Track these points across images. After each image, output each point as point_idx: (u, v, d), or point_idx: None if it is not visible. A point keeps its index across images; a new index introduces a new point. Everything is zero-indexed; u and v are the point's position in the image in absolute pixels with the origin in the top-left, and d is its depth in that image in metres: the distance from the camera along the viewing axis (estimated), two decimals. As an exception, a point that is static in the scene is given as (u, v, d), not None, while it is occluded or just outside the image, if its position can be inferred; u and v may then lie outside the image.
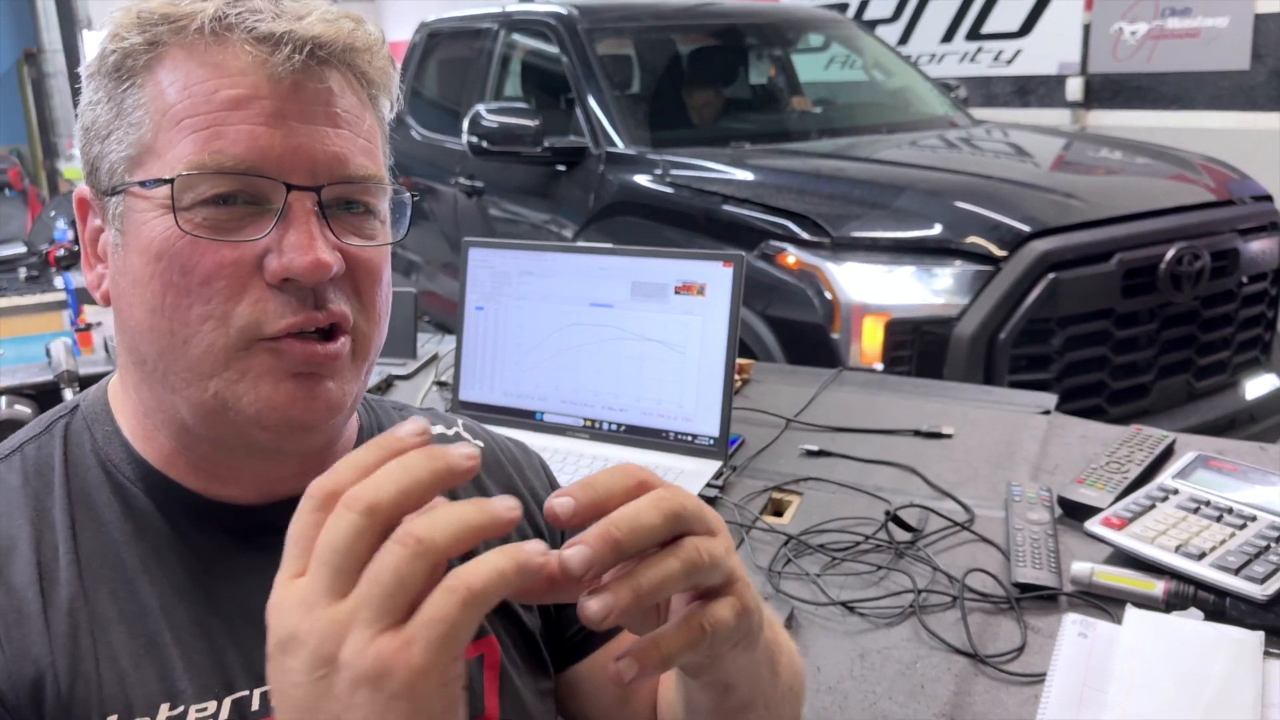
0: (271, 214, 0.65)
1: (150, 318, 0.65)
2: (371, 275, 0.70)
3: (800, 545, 1.35)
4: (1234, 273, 2.82)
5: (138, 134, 0.66)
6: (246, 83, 0.64)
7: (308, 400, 0.66)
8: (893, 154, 3.38)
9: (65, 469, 0.71)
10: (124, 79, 0.66)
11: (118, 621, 0.66)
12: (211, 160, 0.63)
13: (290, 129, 0.65)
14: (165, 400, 0.68)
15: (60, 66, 9.18)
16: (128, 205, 0.66)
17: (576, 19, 3.81)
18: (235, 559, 0.70)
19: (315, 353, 0.66)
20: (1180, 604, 1.13)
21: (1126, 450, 1.48)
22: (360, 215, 0.69)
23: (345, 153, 0.67)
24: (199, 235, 0.64)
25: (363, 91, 0.70)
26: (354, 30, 0.68)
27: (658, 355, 1.62)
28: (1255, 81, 4.28)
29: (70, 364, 1.93)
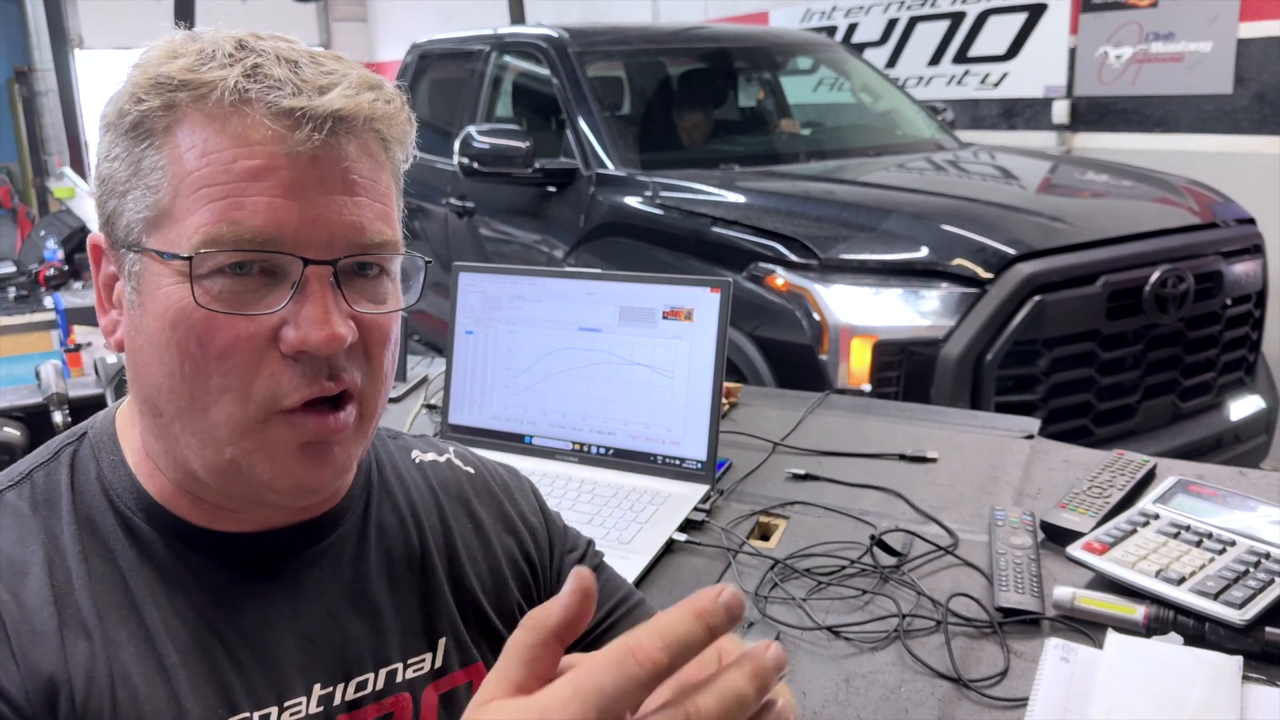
0: (286, 284, 0.66)
1: (169, 380, 0.67)
2: (382, 340, 0.71)
3: (786, 569, 1.36)
4: (1218, 295, 2.85)
5: (155, 197, 0.66)
6: (264, 153, 0.65)
7: (318, 469, 0.69)
8: (880, 176, 3.41)
9: (73, 496, 0.72)
10: (141, 139, 0.67)
11: (128, 644, 0.67)
12: (229, 232, 0.64)
13: (308, 200, 0.65)
14: (176, 452, 0.69)
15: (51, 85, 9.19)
16: (144, 266, 0.67)
17: (567, 41, 3.85)
18: (234, 586, 0.72)
19: (326, 425, 0.68)
20: (1160, 628, 1.15)
21: (1108, 475, 1.50)
22: (373, 279, 0.70)
23: (362, 221, 0.68)
24: (215, 310, 0.65)
25: (381, 153, 0.71)
26: (374, 102, 0.68)
27: (646, 379, 1.63)
28: (1238, 105, 4.33)
29: (60, 386, 1.93)
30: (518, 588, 0.87)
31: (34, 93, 9.49)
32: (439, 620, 0.80)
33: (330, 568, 0.76)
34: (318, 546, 0.76)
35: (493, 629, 0.84)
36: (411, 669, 0.78)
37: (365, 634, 0.76)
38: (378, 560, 0.79)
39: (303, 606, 0.74)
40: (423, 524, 0.84)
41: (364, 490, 0.82)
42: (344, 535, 0.78)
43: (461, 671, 0.81)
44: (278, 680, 0.71)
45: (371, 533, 0.80)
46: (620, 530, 1.47)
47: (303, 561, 0.75)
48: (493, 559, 0.86)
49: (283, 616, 0.73)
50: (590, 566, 0.92)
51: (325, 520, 0.77)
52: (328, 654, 0.74)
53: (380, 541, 0.80)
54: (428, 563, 0.82)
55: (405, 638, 0.78)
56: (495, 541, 0.87)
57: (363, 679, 0.75)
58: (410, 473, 0.87)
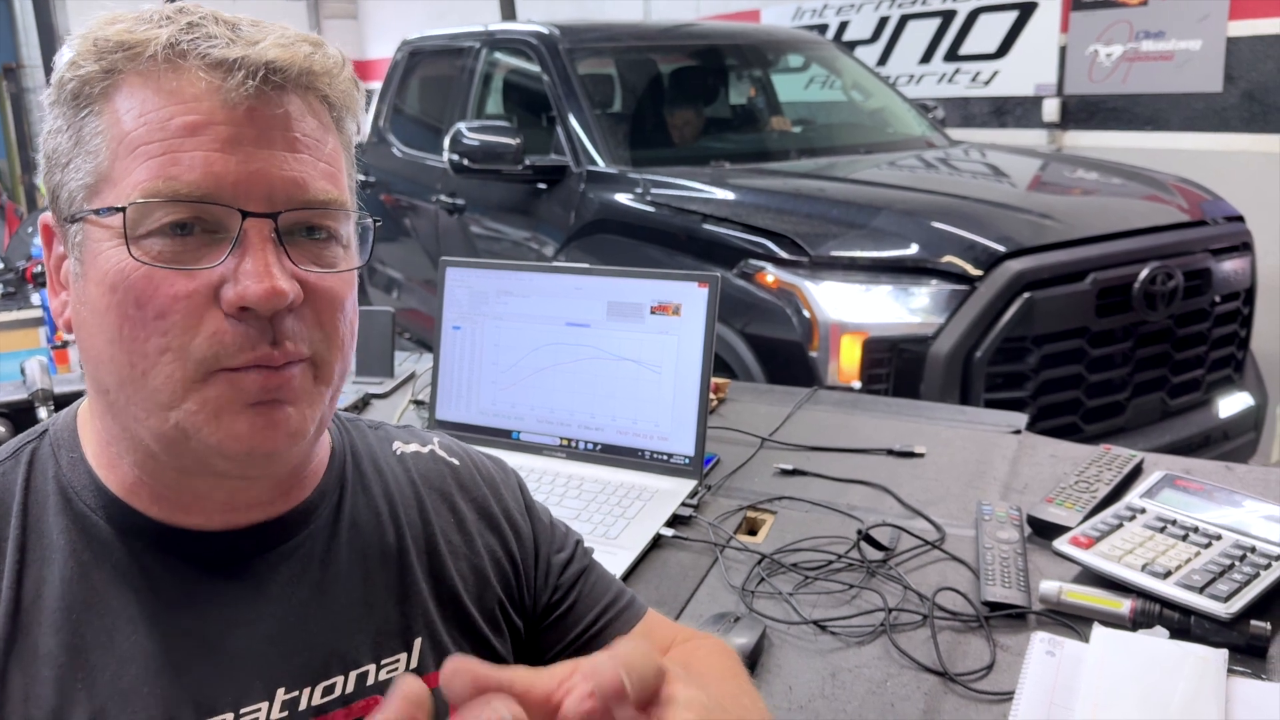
0: (228, 242, 0.64)
1: (109, 348, 0.65)
2: (332, 304, 0.69)
3: (773, 564, 1.36)
4: (1207, 292, 2.85)
5: (95, 162, 0.65)
6: (201, 109, 0.63)
7: (268, 429, 0.66)
8: (871, 174, 3.41)
9: (25, 497, 0.70)
10: (82, 106, 0.66)
11: (57, 655, 0.65)
12: (166, 187, 0.63)
13: (246, 154, 0.64)
14: (128, 429, 0.67)
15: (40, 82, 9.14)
16: (86, 234, 0.66)
17: (558, 38, 3.84)
18: (195, 588, 0.70)
19: (270, 380, 0.65)
20: (1146, 622, 1.15)
21: (1095, 470, 1.50)
22: (322, 242, 0.69)
23: (304, 177, 0.66)
24: (153, 265, 0.63)
25: (325, 114, 0.69)
26: (311, 54, 0.67)
27: (633, 375, 1.63)
28: (1227, 103, 4.34)
29: (45, 382, 1.92)
30: (499, 586, 0.84)
31: (22, 89, 9.44)
32: (414, 620, 0.78)
33: (299, 567, 0.74)
34: (285, 546, 0.73)
35: (474, 627, 0.81)
36: (386, 670, 0.75)
37: (334, 636, 0.73)
38: (350, 558, 0.77)
39: (267, 608, 0.71)
40: (400, 519, 0.81)
41: (338, 484, 0.79)
42: (314, 533, 0.75)
43: (439, 673, 0.79)
44: (235, 686, 0.68)
45: (344, 529, 0.77)
46: (607, 525, 1.46)
47: (269, 561, 0.72)
48: (475, 555, 0.83)
49: (245, 618, 0.70)
50: (579, 566, 0.90)
51: (294, 518, 0.74)
52: (292, 657, 0.71)
53: (354, 538, 0.78)
54: (404, 560, 0.79)
55: (379, 638, 0.76)
56: (477, 538, 0.84)
57: (330, 683, 0.72)
58: (390, 464, 0.85)
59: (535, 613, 0.87)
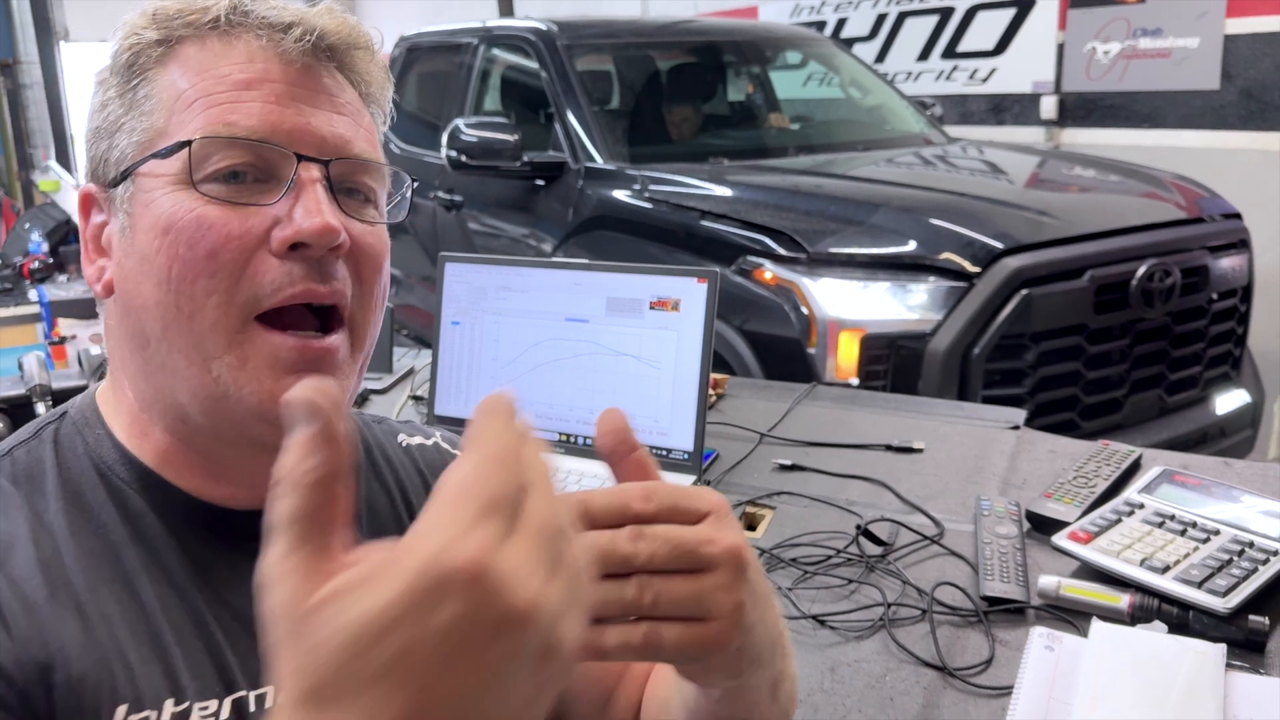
0: (280, 187, 0.67)
1: (156, 292, 0.66)
2: (373, 261, 0.72)
3: (773, 559, 1.36)
4: (1204, 289, 2.86)
5: (149, 121, 0.68)
6: (258, 67, 0.68)
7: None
8: (869, 171, 3.41)
9: (59, 472, 0.71)
10: (135, 75, 0.69)
11: (121, 619, 0.66)
12: (225, 130, 0.66)
13: (299, 109, 0.68)
14: (165, 388, 0.69)
15: (36, 78, 9.11)
16: (137, 186, 0.68)
17: (556, 35, 3.83)
18: (225, 562, 0.71)
19: (310, 346, 0.67)
20: (1145, 617, 1.15)
21: (1094, 465, 1.50)
22: (361, 202, 0.72)
23: (350, 136, 0.71)
24: (211, 197, 0.66)
25: (362, 96, 0.74)
26: (356, 28, 0.73)
27: (633, 370, 1.63)
28: (1225, 101, 4.35)
29: (43, 377, 1.92)
30: None
31: (19, 85, 9.41)
32: None
33: None
34: None
35: None
36: None
37: None
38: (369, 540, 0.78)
39: None
40: (413, 506, 0.83)
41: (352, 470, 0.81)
42: None
43: None
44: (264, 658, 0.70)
45: (363, 514, 0.79)
46: (606, 521, 1.46)
47: None
48: None
49: None
50: None
51: None
52: None
53: (371, 523, 0.80)
54: None
55: None
56: None
57: None
58: (398, 455, 0.87)
59: None
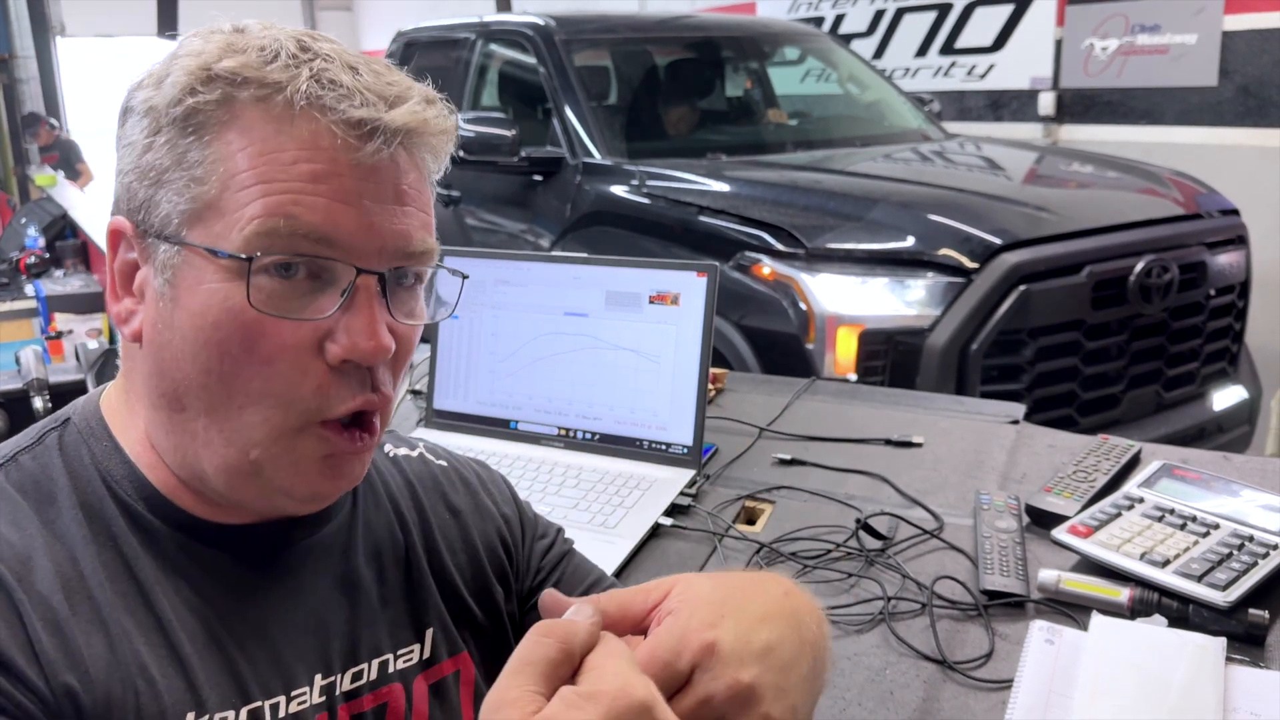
0: (334, 291, 0.66)
1: (203, 378, 0.65)
2: (409, 350, 0.72)
3: (772, 553, 1.36)
4: (1202, 285, 2.86)
5: (200, 190, 0.65)
6: (326, 159, 0.64)
7: (338, 479, 0.70)
8: (867, 167, 3.41)
9: (71, 481, 0.70)
10: (189, 132, 0.65)
11: (139, 633, 0.66)
12: (286, 226, 0.63)
13: (363, 208, 0.65)
14: (188, 450, 0.68)
15: (33, 72, 9.10)
16: (184, 260, 0.65)
17: (554, 30, 3.83)
18: (238, 576, 0.71)
19: (356, 445, 0.69)
20: (1145, 611, 1.15)
21: (1093, 459, 1.50)
22: (410, 289, 0.71)
23: (410, 230, 0.68)
24: (265, 312, 0.64)
25: (424, 166, 0.71)
26: (436, 119, 0.69)
27: (632, 364, 1.62)
28: (1223, 97, 4.35)
29: (40, 372, 1.92)
30: (496, 577, 0.87)
31: (15, 80, 9.39)
32: (425, 612, 0.81)
33: (324, 559, 0.76)
34: (313, 538, 0.76)
35: (473, 618, 0.84)
36: (402, 659, 0.78)
37: (358, 625, 0.76)
38: (366, 553, 0.80)
39: (301, 598, 0.74)
40: (405, 517, 0.84)
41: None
42: (336, 528, 0.78)
43: (449, 661, 0.81)
44: (284, 669, 0.71)
45: (360, 526, 0.80)
46: (606, 515, 1.46)
47: (298, 553, 0.75)
48: (471, 549, 0.87)
49: (284, 608, 0.73)
50: (559, 553, 0.94)
51: (316, 514, 0.76)
52: (326, 645, 0.74)
53: (367, 535, 0.81)
54: (411, 556, 0.82)
55: (394, 629, 0.79)
56: (474, 531, 0.88)
57: (358, 669, 0.75)
58: (386, 466, 0.87)
59: (522, 595, 0.90)
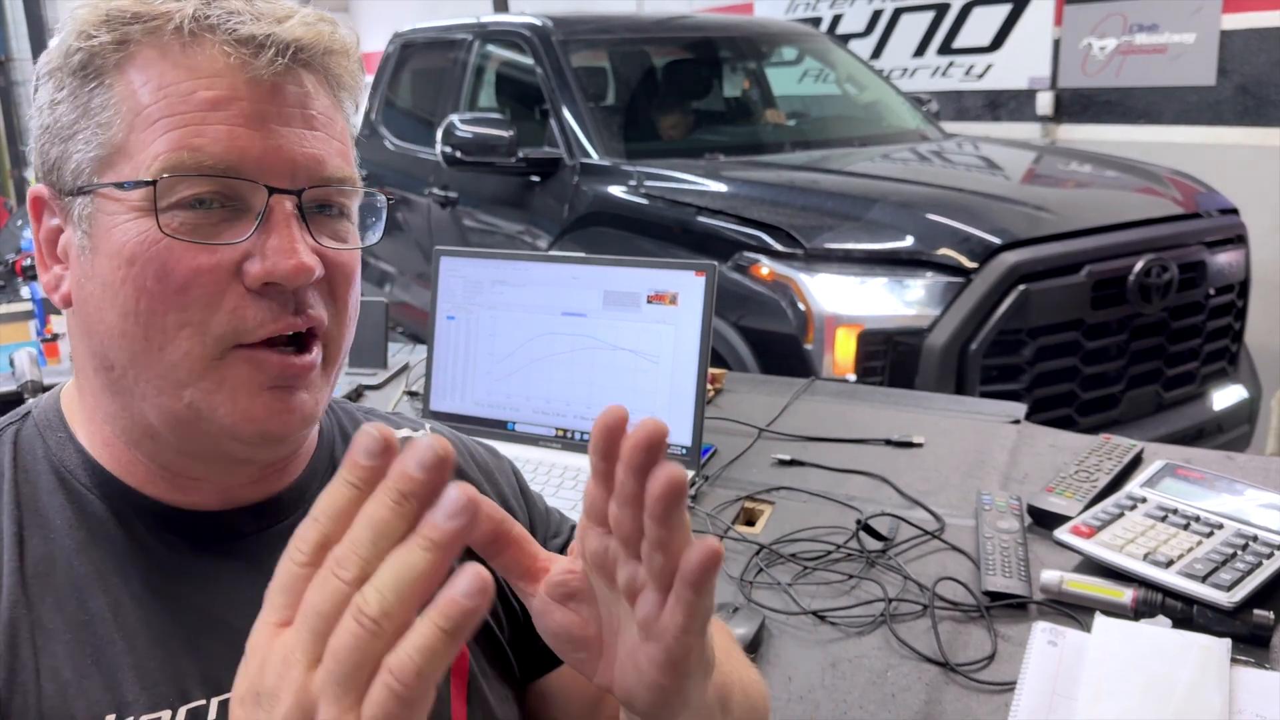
0: (249, 217, 0.64)
1: (122, 322, 0.64)
2: (346, 278, 0.70)
3: (772, 554, 1.35)
4: (1201, 285, 2.85)
5: (107, 134, 0.64)
6: (224, 84, 0.63)
7: (284, 413, 0.66)
8: (865, 166, 3.40)
9: (15, 474, 0.69)
10: (90, 78, 0.65)
11: (64, 631, 0.64)
12: (191, 159, 0.62)
13: (269, 130, 0.64)
14: (131, 407, 0.67)
15: (29, 75, 9.07)
16: (97, 207, 0.65)
17: (551, 30, 3.81)
18: (194, 566, 0.69)
19: (291, 364, 0.66)
20: (1148, 611, 1.14)
21: (1095, 459, 1.49)
22: (334, 218, 0.70)
23: (323, 154, 0.67)
24: (178, 239, 0.63)
25: (335, 93, 0.70)
26: (333, 34, 0.68)
27: (630, 365, 1.61)
28: (1221, 96, 4.34)
29: (35, 374, 1.90)
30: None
31: (11, 83, 9.37)
32: None
33: None
34: (281, 525, 0.73)
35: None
36: None
37: None
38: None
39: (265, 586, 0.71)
40: None
41: (328, 464, 0.79)
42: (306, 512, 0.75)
43: None
44: (237, 664, 0.69)
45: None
46: (604, 516, 1.45)
47: (265, 541, 0.72)
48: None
49: (246, 597, 0.68)
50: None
51: (286, 497, 0.74)
52: None
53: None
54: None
55: None
56: None
57: None
58: None
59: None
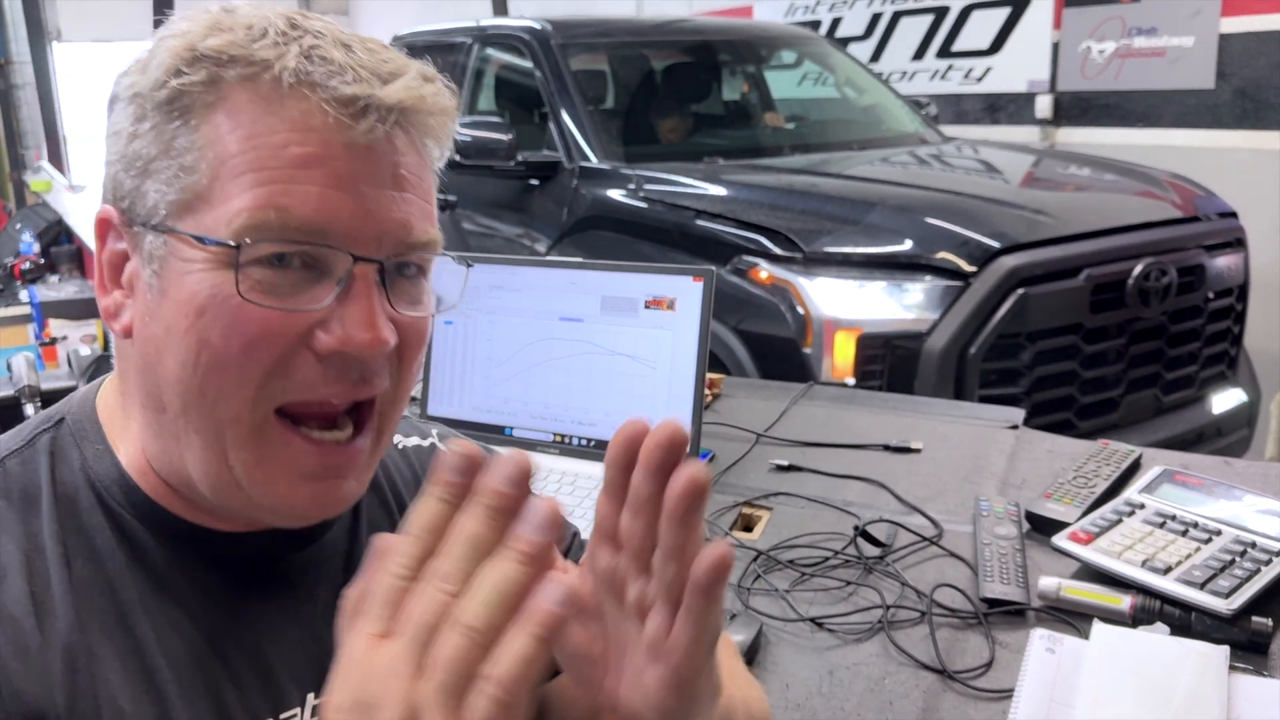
0: (328, 281, 0.61)
1: (180, 371, 0.61)
2: (417, 344, 0.67)
3: (769, 561, 1.34)
4: (1200, 288, 2.85)
5: (190, 179, 0.61)
6: (318, 140, 0.60)
7: (326, 501, 0.65)
8: (864, 170, 3.40)
9: (54, 489, 0.66)
10: (175, 115, 0.61)
11: (113, 657, 0.63)
12: (277, 219, 0.59)
13: (359, 194, 0.61)
14: (174, 454, 0.64)
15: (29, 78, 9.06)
16: (170, 250, 0.62)
17: (550, 34, 3.82)
18: (230, 591, 0.68)
19: (332, 456, 0.64)
20: (1146, 619, 1.14)
21: (1094, 465, 1.49)
22: (413, 279, 0.66)
23: (410, 218, 0.64)
24: (254, 301, 0.60)
25: (425, 150, 0.67)
26: (435, 96, 0.65)
27: (628, 370, 1.61)
28: (1220, 100, 4.34)
29: (32, 379, 1.90)
30: None
31: (11, 86, 9.37)
32: None
33: (323, 569, 0.73)
34: (311, 548, 0.73)
35: None
36: None
37: None
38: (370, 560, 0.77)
39: (299, 611, 0.71)
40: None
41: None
42: (336, 536, 0.75)
43: None
44: (274, 690, 0.68)
45: (363, 531, 0.77)
46: (602, 522, 1.45)
47: (297, 565, 0.72)
48: None
49: (278, 623, 0.70)
50: (578, 559, 0.90)
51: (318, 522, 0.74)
52: (323, 661, 0.69)
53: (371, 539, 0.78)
54: None
55: None
56: None
57: None
58: (394, 460, 0.84)
59: None
